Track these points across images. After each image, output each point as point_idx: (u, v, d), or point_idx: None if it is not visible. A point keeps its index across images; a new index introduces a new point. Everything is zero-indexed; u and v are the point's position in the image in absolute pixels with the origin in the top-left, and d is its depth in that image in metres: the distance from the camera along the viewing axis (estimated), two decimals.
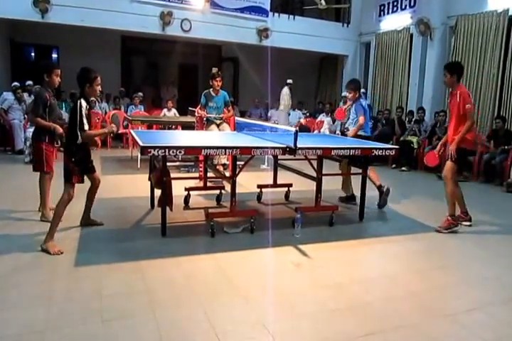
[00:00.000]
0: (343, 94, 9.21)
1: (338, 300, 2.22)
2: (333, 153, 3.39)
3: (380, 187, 4.13)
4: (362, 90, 9.38)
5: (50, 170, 3.32)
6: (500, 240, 3.41)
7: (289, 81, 8.64)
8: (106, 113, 8.13)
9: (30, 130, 5.99)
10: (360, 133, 4.31)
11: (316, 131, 8.35)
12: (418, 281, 2.53)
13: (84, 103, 2.81)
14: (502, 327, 2.03)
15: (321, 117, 8.84)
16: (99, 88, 2.92)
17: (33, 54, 9.52)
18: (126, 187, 4.67)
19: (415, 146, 6.94)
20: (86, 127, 2.78)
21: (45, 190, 3.32)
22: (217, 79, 4.99)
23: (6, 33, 8.10)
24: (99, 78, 2.88)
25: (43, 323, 1.87)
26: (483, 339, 1.92)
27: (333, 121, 8.59)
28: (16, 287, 2.20)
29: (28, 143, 5.90)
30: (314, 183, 3.54)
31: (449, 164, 3.55)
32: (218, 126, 5.19)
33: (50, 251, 2.62)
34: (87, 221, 3.21)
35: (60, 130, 3.24)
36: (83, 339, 1.78)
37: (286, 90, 8.62)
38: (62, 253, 2.62)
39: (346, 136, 5.58)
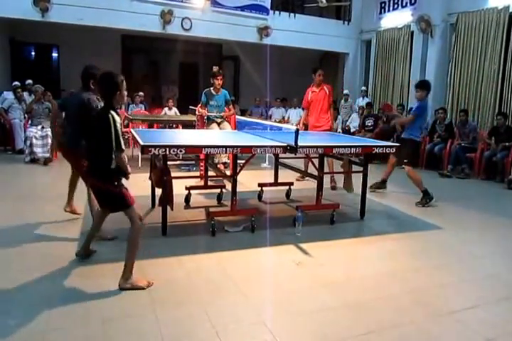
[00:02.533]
0: (345, 92, 9.23)
1: (338, 298, 2.23)
2: (334, 152, 3.39)
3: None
4: (363, 88, 9.40)
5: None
6: (501, 238, 3.41)
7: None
8: None
9: (31, 129, 6.04)
10: (408, 136, 4.38)
11: None
12: (418, 279, 2.53)
13: (117, 117, 2.25)
14: (501, 325, 2.03)
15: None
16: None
17: (33, 53, 9.52)
18: (126, 186, 4.66)
19: None
20: (123, 146, 2.25)
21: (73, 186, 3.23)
22: (219, 77, 4.99)
23: (6, 32, 8.10)
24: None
25: (43, 323, 1.87)
26: (482, 337, 1.92)
27: (335, 119, 8.59)
28: (17, 287, 2.21)
29: (28, 143, 5.92)
30: (315, 181, 3.54)
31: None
32: (219, 124, 5.19)
33: (139, 286, 2.22)
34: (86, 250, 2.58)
35: None
36: (84, 339, 1.79)
37: None
38: (152, 284, 2.25)
39: (351, 134, 5.65)
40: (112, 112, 2.25)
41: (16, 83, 7.06)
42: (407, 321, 2.03)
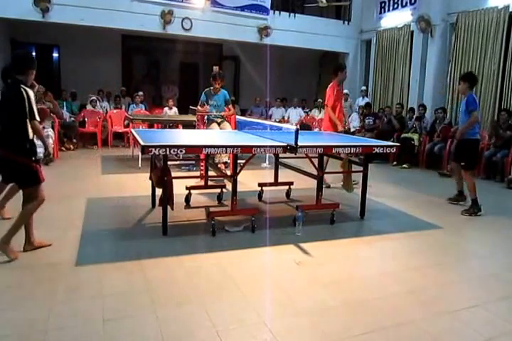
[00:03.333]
0: (345, 91, 9.21)
1: (338, 298, 2.23)
2: (333, 151, 3.39)
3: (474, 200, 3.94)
4: (363, 87, 9.39)
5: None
6: (501, 237, 3.41)
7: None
8: (107, 112, 8.14)
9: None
10: (465, 136, 3.95)
11: (316, 129, 8.35)
12: (418, 278, 2.53)
13: (30, 90, 2.43)
14: (502, 324, 2.04)
15: (322, 115, 8.83)
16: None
17: (34, 53, 9.52)
18: (127, 186, 4.68)
19: (416, 143, 6.93)
20: (38, 117, 2.43)
21: None
22: (218, 81, 5.02)
23: (6, 32, 8.11)
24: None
25: (44, 322, 1.88)
26: (483, 336, 1.92)
27: None
28: (18, 286, 2.22)
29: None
30: (315, 181, 3.54)
31: None
32: (219, 124, 5.20)
33: (9, 255, 2.43)
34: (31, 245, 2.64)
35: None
36: (85, 338, 1.79)
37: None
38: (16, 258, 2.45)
39: (350, 133, 5.65)
40: (24, 86, 2.41)
41: None
42: (407, 320, 2.03)
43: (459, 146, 4.09)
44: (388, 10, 8.71)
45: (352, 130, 8.26)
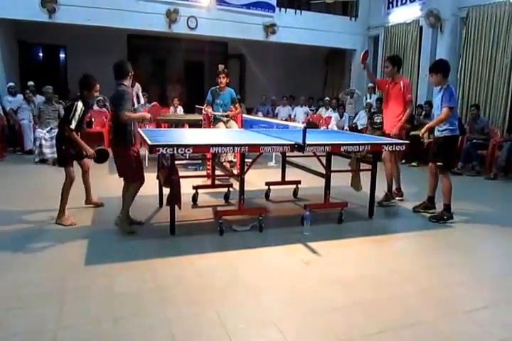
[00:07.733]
0: (351, 88, 9.14)
1: (348, 298, 2.21)
2: (342, 150, 3.35)
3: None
4: (370, 84, 9.31)
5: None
6: None
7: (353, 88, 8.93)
8: None
9: (40, 130, 6.10)
10: (441, 133, 3.51)
11: (323, 127, 8.29)
12: (429, 278, 2.50)
13: (80, 104, 3.34)
14: None
15: (329, 113, 8.77)
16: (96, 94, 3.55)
17: (41, 54, 9.61)
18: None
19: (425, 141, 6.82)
20: (73, 126, 3.26)
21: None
22: (221, 76, 4.98)
23: (14, 33, 8.18)
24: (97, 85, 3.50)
25: (55, 321, 1.89)
26: (496, 337, 1.89)
27: (341, 117, 8.52)
28: (29, 285, 2.23)
29: (37, 144, 5.97)
30: (323, 180, 3.51)
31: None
32: (225, 123, 5.18)
33: (64, 223, 3.17)
34: (89, 201, 3.76)
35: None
36: (95, 337, 1.80)
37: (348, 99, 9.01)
38: (75, 224, 3.19)
39: (359, 131, 5.34)
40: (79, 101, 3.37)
41: (31, 83, 7.16)
42: (419, 321, 2.00)
43: (436, 144, 3.62)
44: (396, 5, 8.59)
45: (360, 127, 8.19)
